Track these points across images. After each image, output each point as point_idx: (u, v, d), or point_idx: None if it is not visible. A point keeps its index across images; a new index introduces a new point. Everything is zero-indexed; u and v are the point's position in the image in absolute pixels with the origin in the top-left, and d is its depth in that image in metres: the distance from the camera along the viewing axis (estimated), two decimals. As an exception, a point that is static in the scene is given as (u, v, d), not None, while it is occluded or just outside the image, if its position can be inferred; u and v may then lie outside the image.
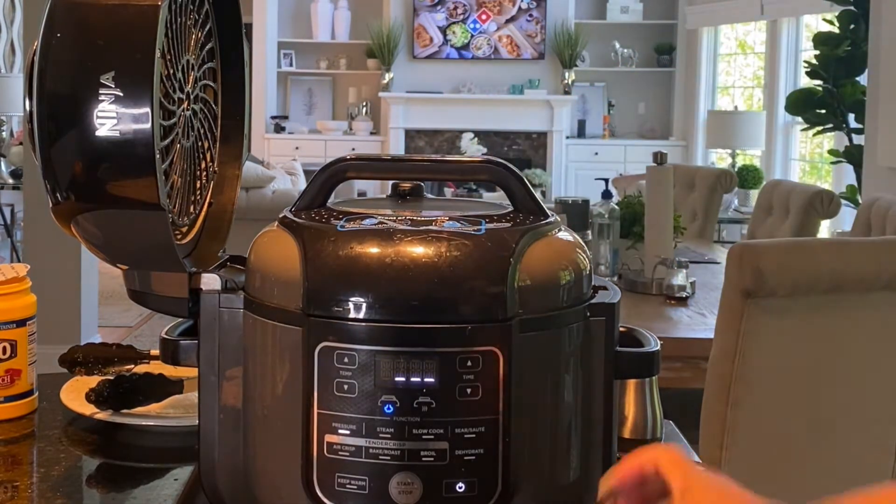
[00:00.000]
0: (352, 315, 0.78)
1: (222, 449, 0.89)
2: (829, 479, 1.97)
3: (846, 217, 5.67)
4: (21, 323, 1.22)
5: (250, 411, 0.86)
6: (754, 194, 5.91)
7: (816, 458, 2.02)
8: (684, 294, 2.91)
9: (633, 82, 9.65)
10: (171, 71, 0.88)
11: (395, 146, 9.33)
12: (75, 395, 1.22)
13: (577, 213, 3.19)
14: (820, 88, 5.70)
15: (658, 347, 0.88)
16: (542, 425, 0.83)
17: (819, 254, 1.99)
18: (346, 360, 0.78)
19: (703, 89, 9.19)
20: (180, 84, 0.91)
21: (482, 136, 9.02)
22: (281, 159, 7.91)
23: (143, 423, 1.16)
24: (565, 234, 0.88)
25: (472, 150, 7.91)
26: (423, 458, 0.78)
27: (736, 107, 8.87)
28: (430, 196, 0.97)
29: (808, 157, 8.13)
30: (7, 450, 1.13)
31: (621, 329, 0.90)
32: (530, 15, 9.20)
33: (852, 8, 5.50)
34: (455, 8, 9.23)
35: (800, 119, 6.30)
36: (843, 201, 4.74)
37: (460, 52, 9.33)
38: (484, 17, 9.26)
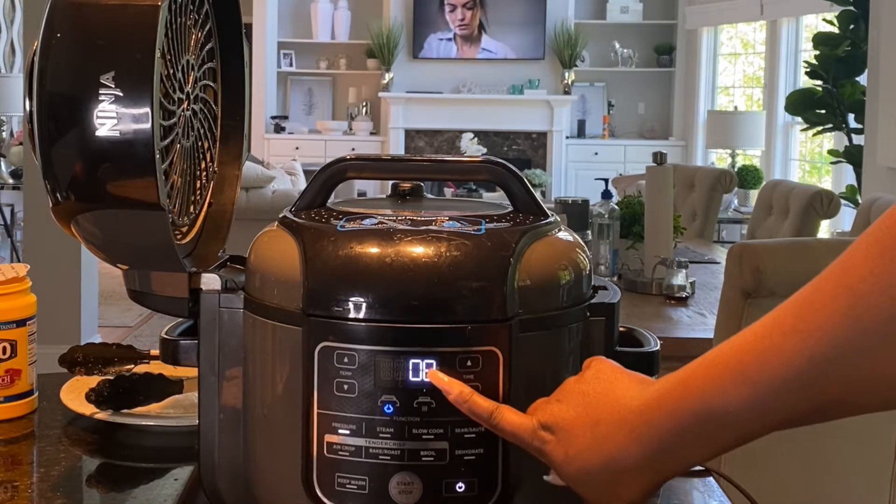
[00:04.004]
0: (352, 315, 0.78)
1: (222, 449, 0.89)
2: (830, 479, 1.97)
3: (846, 217, 5.68)
4: (21, 323, 1.22)
5: (250, 411, 0.86)
6: (754, 194, 5.91)
7: (816, 457, 2.02)
8: (684, 294, 2.91)
9: (632, 82, 9.66)
10: (171, 71, 0.88)
11: (395, 146, 9.33)
12: (75, 395, 1.22)
13: (577, 213, 3.19)
14: (820, 88, 5.70)
15: (658, 347, 0.88)
16: (542, 425, 0.83)
17: (819, 254, 1.99)
18: (346, 360, 0.78)
19: (702, 89, 9.20)
20: (180, 84, 0.91)
21: (482, 136, 9.02)
22: (281, 159, 7.92)
23: (143, 423, 1.16)
24: (565, 234, 0.88)
25: (472, 150, 7.92)
26: (423, 458, 0.78)
27: (736, 107, 8.88)
28: (430, 196, 0.97)
29: (808, 157, 8.13)
30: (7, 450, 1.13)
31: (621, 329, 0.90)
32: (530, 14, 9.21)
33: (852, 8, 5.50)
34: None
35: (800, 119, 6.31)
36: (843, 201, 4.75)
37: (457, 49, 9.33)
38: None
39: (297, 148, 9.28)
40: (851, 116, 5.59)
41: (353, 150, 8.84)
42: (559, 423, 0.73)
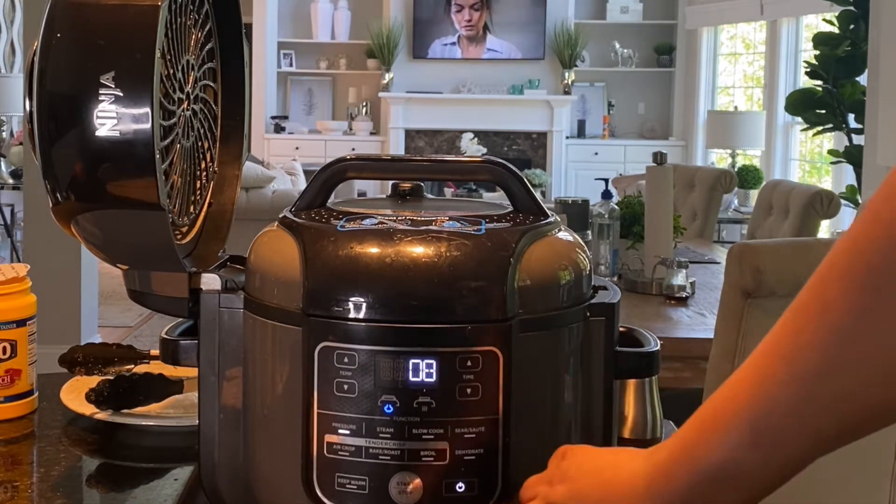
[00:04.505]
0: (352, 315, 0.78)
1: (222, 449, 0.89)
2: (830, 479, 1.97)
3: (846, 217, 5.67)
4: (21, 323, 1.22)
5: (250, 411, 0.86)
6: (754, 194, 5.91)
7: (816, 458, 2.02)
8: (684, 294, 2.91)
9: (633, 82, 9.65)
10: (171, 71, 0.88)
11: (395, 146, 9.33)
12: (75, 395, 1.22)
13: (577, 213, 3.19)
14: (820, 88, 5.70)
15: (658, 347, 0.88)
16: (541, 425, 0.83)
17: (819, 254, 1.99)
18: (346, 360, 0.78)
19: (702, 89, 9.20)
20: (180, 84, 0.91)
21: (482, 136, 9.02)
22: (281, 159, 7.92)
23: (143, 423, 1.16)
24: (565, 234, 0.88)
25: (472, 150, 7.92)
26: (423, 458, 0.78)
27: (736, 107, 8.87)
28: (430, 196, 0.97)
29: (808, 157, 8.13)
30: (7, 450, 1.13)
31: (621, 329, 0.90)
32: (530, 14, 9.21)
33: (852, 8, 5.50)
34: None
35: (800, 119, 6.31)
36: (843, 201, 4.75)
37: (461, 51, 9.33)
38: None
39: (297, 148, 9.28)
40: (851, 116, 5.58)
41: (353, 150, 8.84)
42: None
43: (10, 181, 6.51)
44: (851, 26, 5.55)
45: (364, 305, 0.78)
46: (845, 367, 0.57)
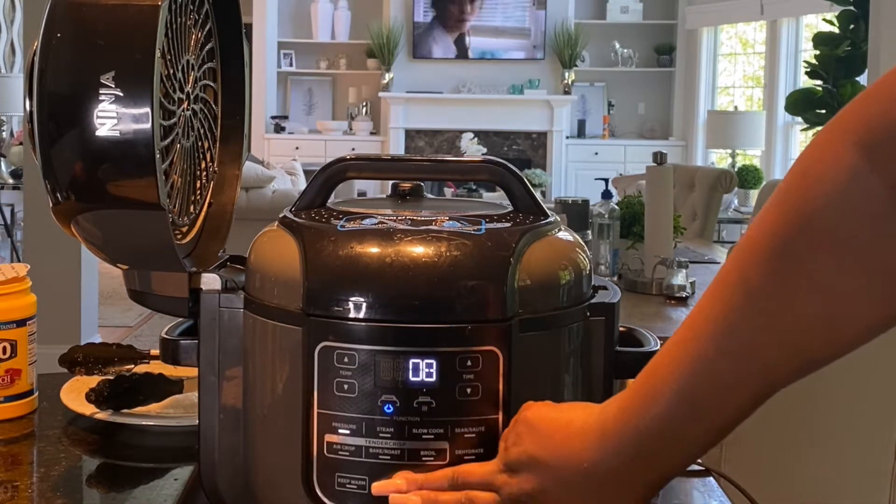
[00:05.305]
0: (352, 315, 0.78)
1: (222, 449, 0.89)
2: (830, 478, 1.97)
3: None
4: (21, 323, 1.22)
5: (250, 411, 0.86)
6: (754, 194, 5.92)
7: (817, 456, 2.02)
8: (684, 294, 2.91)
9: (633, 82, 9.66)
10: (171, 71, 0.88)
11: (395, 146, 9.33)
12: (75, 395, 1.22)
13: (577, 213, 3.19)
14: (820, 88, 5.71)
15: (658, 347, 0.88)
16: (542, 425, 0.83)
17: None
18: (346, 359, 0.78)
19: (702, 89, 9.20)
20: (180, 84, 0.91)
21: (482, 136, 9.02)
22: (281, 159, 7.92)
23: (143, 423, 1.16)
24: (565, 234, 0.88)
25: (472, 150, 7.92)
26: (423, 458, 0.78)
27: (736, 107, 8.88)
28: (430, 196, 0.97)
29: (808, 157, 8.12)
30: (7, 450, 1.13)
31: (621, 329, 0.90)
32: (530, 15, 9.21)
33: (852, 8, 5.51)
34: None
35: (800, 119, 6.31)
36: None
37: (461, 51, 9.33)
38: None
39: (297, 148, 9.28)
40: (851, 116, 5.58)
41: (353, 150, 8.84)
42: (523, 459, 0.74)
43: (10, 181, 6.51)
44: (851, 26, 5.55)
45: (364, 305, 0.78)
46: (770, 345, 0.62)
